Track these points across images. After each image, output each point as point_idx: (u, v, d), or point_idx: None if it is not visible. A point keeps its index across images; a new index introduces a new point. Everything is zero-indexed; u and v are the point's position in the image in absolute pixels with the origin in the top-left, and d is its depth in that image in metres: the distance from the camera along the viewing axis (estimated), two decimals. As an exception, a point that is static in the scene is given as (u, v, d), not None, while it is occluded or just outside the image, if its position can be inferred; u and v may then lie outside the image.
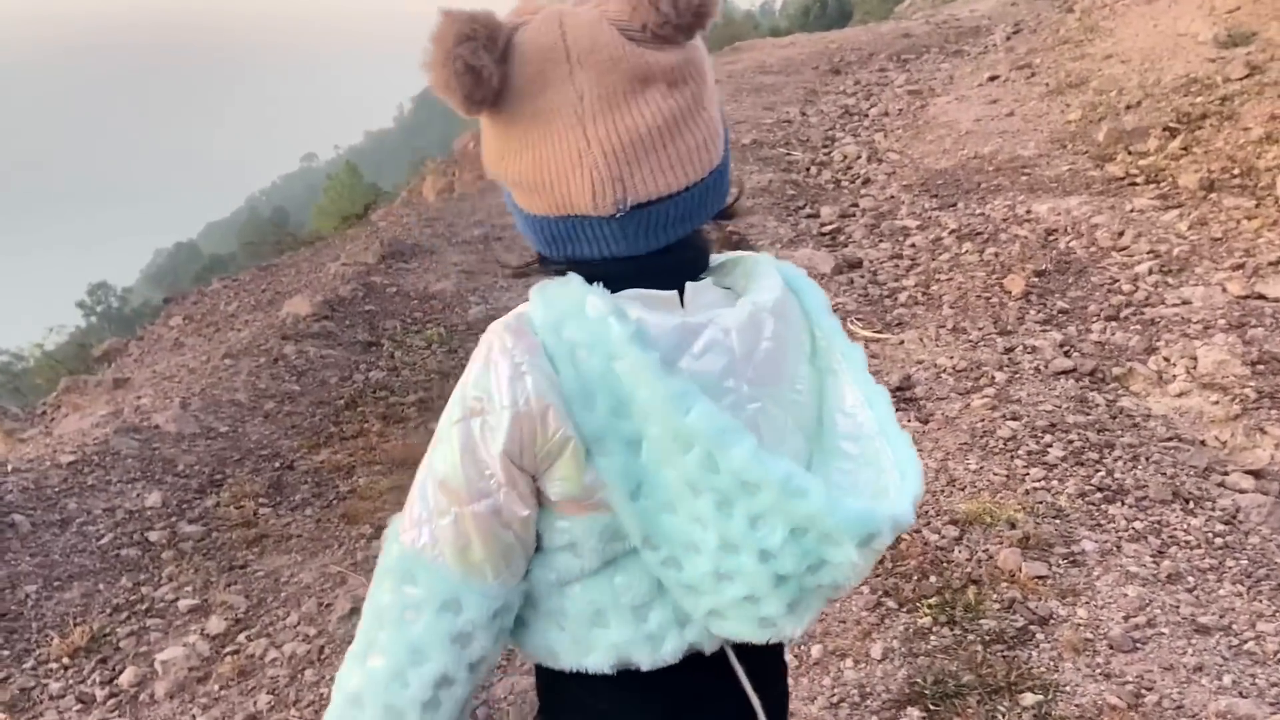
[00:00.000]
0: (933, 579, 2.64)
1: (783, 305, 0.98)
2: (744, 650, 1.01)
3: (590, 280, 0.90)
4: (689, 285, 0.94)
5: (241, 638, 2.73)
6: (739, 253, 1.04)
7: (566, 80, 0.86)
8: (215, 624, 2.78)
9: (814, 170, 8.24)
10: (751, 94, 10.68)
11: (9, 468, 3.54)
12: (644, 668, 0.97)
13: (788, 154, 8.54)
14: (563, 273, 0.93)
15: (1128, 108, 8.35)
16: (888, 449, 0.95)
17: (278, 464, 3.78)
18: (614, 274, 0.91)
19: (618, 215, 0.89)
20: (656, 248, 0.92)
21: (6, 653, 2.68)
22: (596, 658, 0.97)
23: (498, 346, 0.90)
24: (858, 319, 4.90)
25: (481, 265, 6.11)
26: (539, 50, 0.87)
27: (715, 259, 1.02)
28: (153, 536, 3.25)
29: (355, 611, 2.79)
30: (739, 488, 0.85)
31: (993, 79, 10.85)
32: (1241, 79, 7.81)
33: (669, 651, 0.97)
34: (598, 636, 0.97)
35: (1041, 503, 2.97)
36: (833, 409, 1.00)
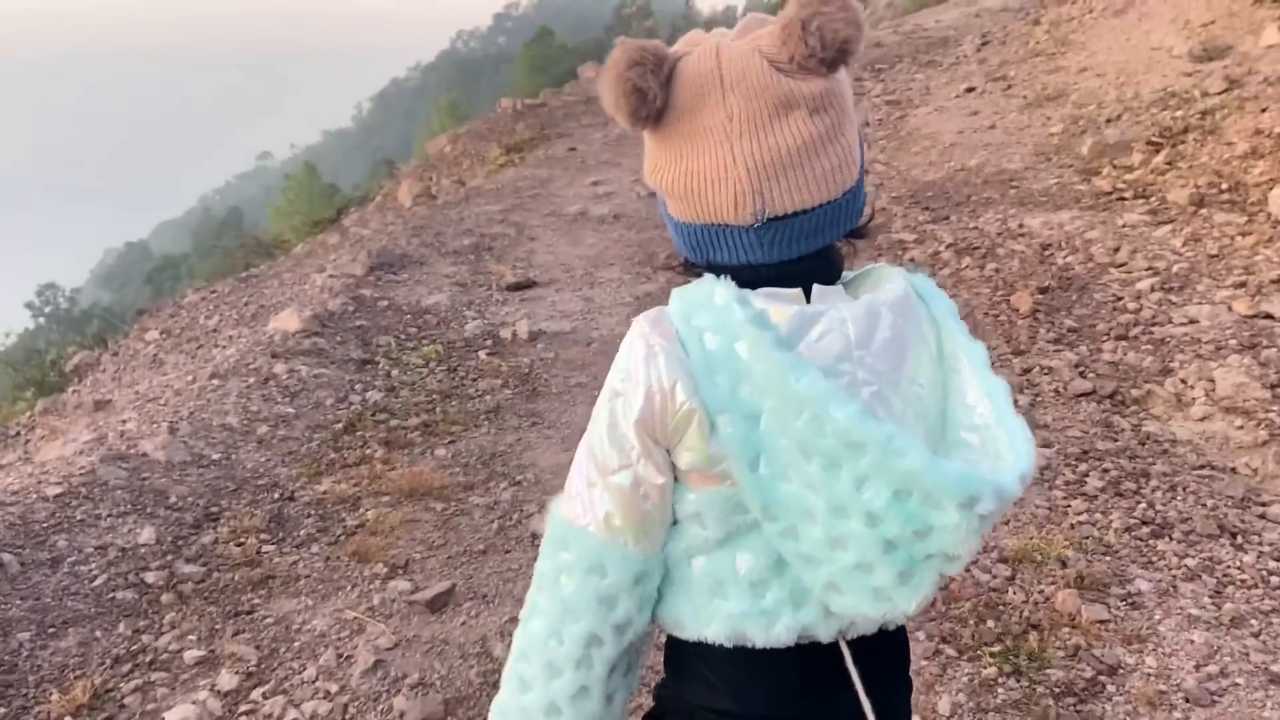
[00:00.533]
0: (990, 623, 2.54)
1: (904, 304, 1.03)
2: (862, 656, 1.04)
3: None
4: (816, 287, 1.01)
5: (256, 694, 2.53)
6: (871, 265, 1.10)
7: (719, 103, 0.97)
8: (226, 679, 2.58)
9: (802, 180, 8.18)
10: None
11: (-12, 501, 3.30)
12: (757, 644, 1.02)
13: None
14: (700, 275, 1.03)
15: (1108, 121, 8.39)
16: (1005, 437, 0.98)
17: (277, 495, 3.58)
18: (748, 279, 1.00)
19: (756, 225, 0.98)
20: (790, 257, 1.00)
21: (4, 709, 2.47)
22: (715, 628, 1.03)
23: (636, 333, 1.02)
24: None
25: (474, 277, 5.92)
26: (698, 76, 0.98)
27: (849, 274, 1.08)
28: (149, 578, 3.03)
29: (380, 664, 2.62)
30: (845, 449, 0.90)
31: (969, 90, 10.90)
32: (1220, 93, 7.88)
33: (782, 630, 1.01)
34: (717, 607, 1.03)
35: (1089, 538, 2.89)
36: (956, 404, 1.04)
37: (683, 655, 1.10)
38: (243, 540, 3.25)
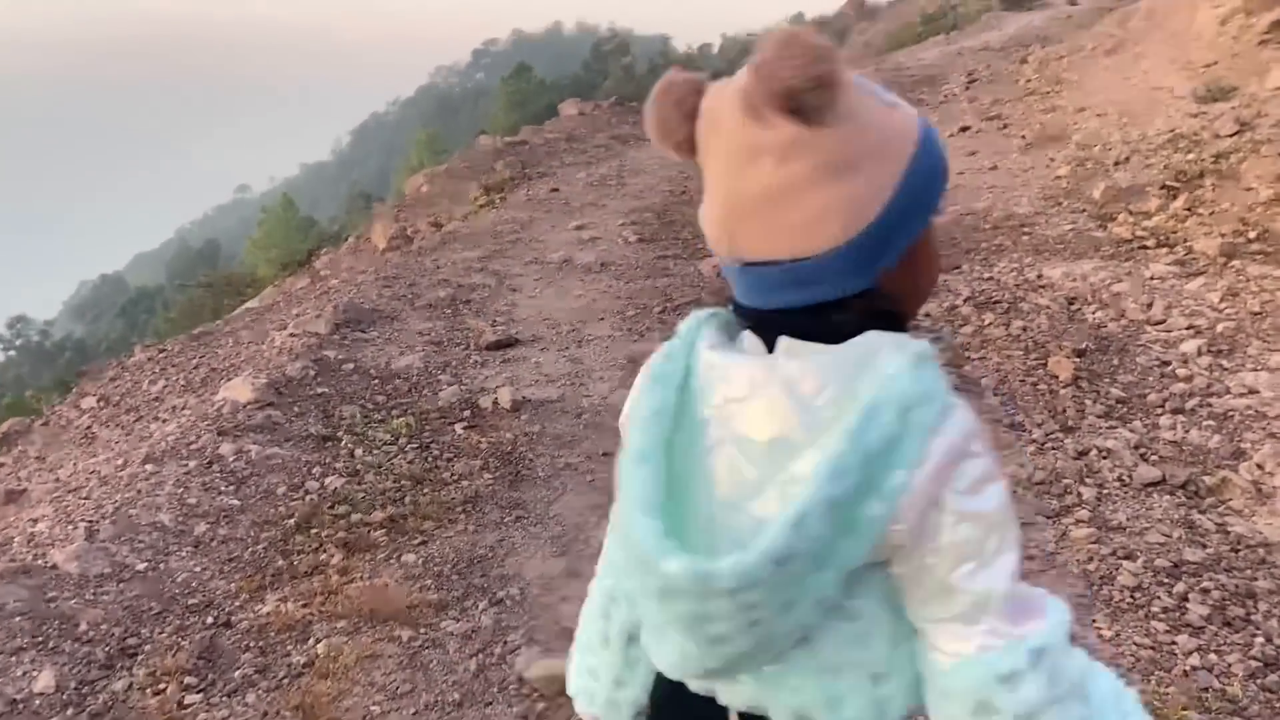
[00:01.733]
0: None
1: (831, 372, 0.93)
2: None
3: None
4: (781, 339, 0.95)
5: None
6: (876, 333, 0.97)
7: (714, 142, 0.96)
8: None
9: (800, 223, 7.73)
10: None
11: None
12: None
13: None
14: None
15: (1117, 164, 8.03)
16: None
17: (211, 619, 2.98)
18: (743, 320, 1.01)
19: (737, 267, 0.97)
20: (763, 307, 0.96)
21: None
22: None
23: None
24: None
25: (450, 334, 5.35)
26: (706, 114, 0.96)
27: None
28: (39, 744, 2.43)
29: None
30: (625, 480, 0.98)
31: (964, 130, 10.59)
32: (1232, 135, 7.55)
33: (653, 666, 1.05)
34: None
35: (1209, 690, 2.35)
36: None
37: None
38: (163, 686, 2.65)
